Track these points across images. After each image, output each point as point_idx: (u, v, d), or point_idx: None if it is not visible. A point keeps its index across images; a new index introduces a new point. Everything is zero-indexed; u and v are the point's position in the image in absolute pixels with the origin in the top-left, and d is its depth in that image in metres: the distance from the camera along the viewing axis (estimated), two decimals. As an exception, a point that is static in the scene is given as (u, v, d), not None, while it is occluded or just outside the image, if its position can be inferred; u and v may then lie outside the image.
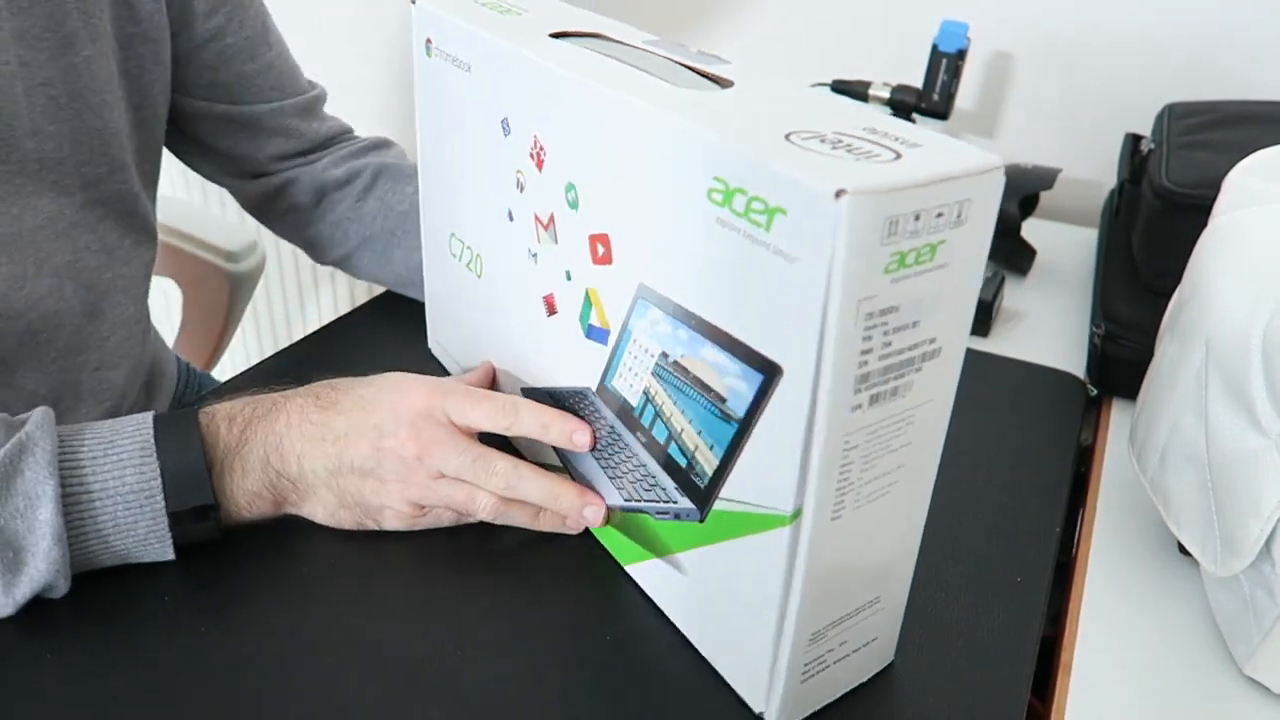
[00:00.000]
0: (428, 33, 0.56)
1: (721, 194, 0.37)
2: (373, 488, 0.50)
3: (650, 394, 0.44)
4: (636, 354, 0.45)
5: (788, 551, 0.38)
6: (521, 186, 0.51)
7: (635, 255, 0.43)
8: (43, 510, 0.44)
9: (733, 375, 0.39)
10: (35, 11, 0.54)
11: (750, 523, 0.40)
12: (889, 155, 0.34)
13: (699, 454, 0.42)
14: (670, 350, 0.42)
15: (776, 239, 0.35)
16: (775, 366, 0.37)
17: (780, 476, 0.37)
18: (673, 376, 0.42)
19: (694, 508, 0.43)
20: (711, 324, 0.39)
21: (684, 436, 0.43)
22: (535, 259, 0.51)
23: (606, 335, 0.47)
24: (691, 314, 0.40)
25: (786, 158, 0.34)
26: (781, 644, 0.41)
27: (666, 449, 0.44)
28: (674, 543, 0.46)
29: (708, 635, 0.46)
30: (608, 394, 0.48)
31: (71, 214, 0.58)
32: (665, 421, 0.44)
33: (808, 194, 0.33)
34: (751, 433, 0.39)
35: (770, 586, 0.40)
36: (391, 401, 0.50)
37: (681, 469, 0.44)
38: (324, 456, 0.50)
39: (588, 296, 0.47)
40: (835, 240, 0.32)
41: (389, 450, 0.49)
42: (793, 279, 0.34)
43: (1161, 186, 0.68)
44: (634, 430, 0.46)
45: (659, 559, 0.48)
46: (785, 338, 0.36)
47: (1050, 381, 0.71)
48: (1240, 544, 0.45)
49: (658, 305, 0.42)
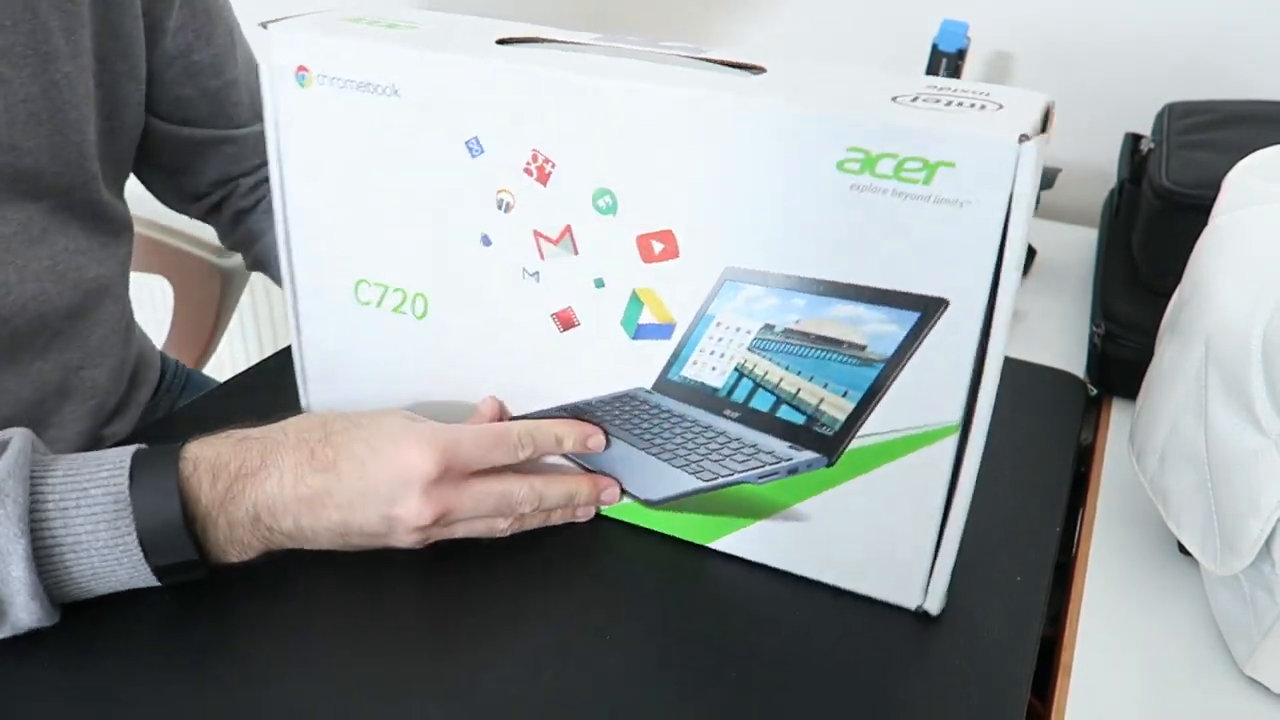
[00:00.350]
0: (299, 60, 0.49)
1: (860, 162, 0.41)
2: (385, 542, 0.49)
3: (746, 369, 0.48)
4: (721, 336, 0.48)
5: (952, 455, 0.45)
6: (507, 206, 0.48)
7: (714, 243, 0.45)
8: (14, 568, 0.42)
9: (875, 322, 0.44)
10: (18, 30, 0.54)
11: (907, 445, 0.46)
12: (994, 106, 0.41)
13: (825, 405, 0.47)
14: (778, 321, 0.46)
15: (939, 190, 0.40)
16: (937, 302, 0.42)
17: (948, 396, 0.44)
18: (782, 344, 0.46)
19: (819, 456, 0.48)
20: (842, 283, 0.44)
21: (801, 395, 0.47)
22: (536, 278, 0.50)
23: (670, 329, 0.48)
24: (812, 280, 0.44)
25: (941, 117, 0.40)
26: (947, 535, 0.48)
27: (774, 414, 0.48)
28: (787, 498, 0.50)
29: (845, 564, 0.51)
30: (673, 386, 0.50)
31: (41, 219, 0.58)
32: (772, 389, 0.48)
33: (986, 144, 0.39)
34: (901, 369, 0.44)
35: (936, 484, 0.46)
36: (396, 466, 0.47)
37: (799, 426, 0.48)
38: (326, 520, 0.47)
39: (635, 297, 0.48)
40: (1016, 181, 0.39)
41: (400, 519, 0.47)
42: (962, 222, 0.40)
43: (1161, 186, 0.68)
44: (717, 411, 0.50)
45: (764, 520, 0.51)
46: (949, 274, 0.42)
47: (1050, 381, 0.71)
48: (1240, 543, 0.45)
49: (756, 283, 0.45)
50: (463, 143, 0.48)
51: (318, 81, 0.49)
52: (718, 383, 0.49)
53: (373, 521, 0.48)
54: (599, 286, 0.49)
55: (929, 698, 0.45)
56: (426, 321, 0.53)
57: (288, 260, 0.56)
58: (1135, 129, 0.88)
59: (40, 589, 0.43)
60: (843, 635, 0.49)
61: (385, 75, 0.48)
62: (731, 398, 0.49)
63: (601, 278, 0.49)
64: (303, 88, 0.50)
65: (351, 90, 0.49)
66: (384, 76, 0.48)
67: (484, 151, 0.48)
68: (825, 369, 0.46)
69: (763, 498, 0.50)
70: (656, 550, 0.54)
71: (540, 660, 0.46)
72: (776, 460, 0.49)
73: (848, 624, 0.49)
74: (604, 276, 0.49)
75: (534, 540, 0.53)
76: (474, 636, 0.48)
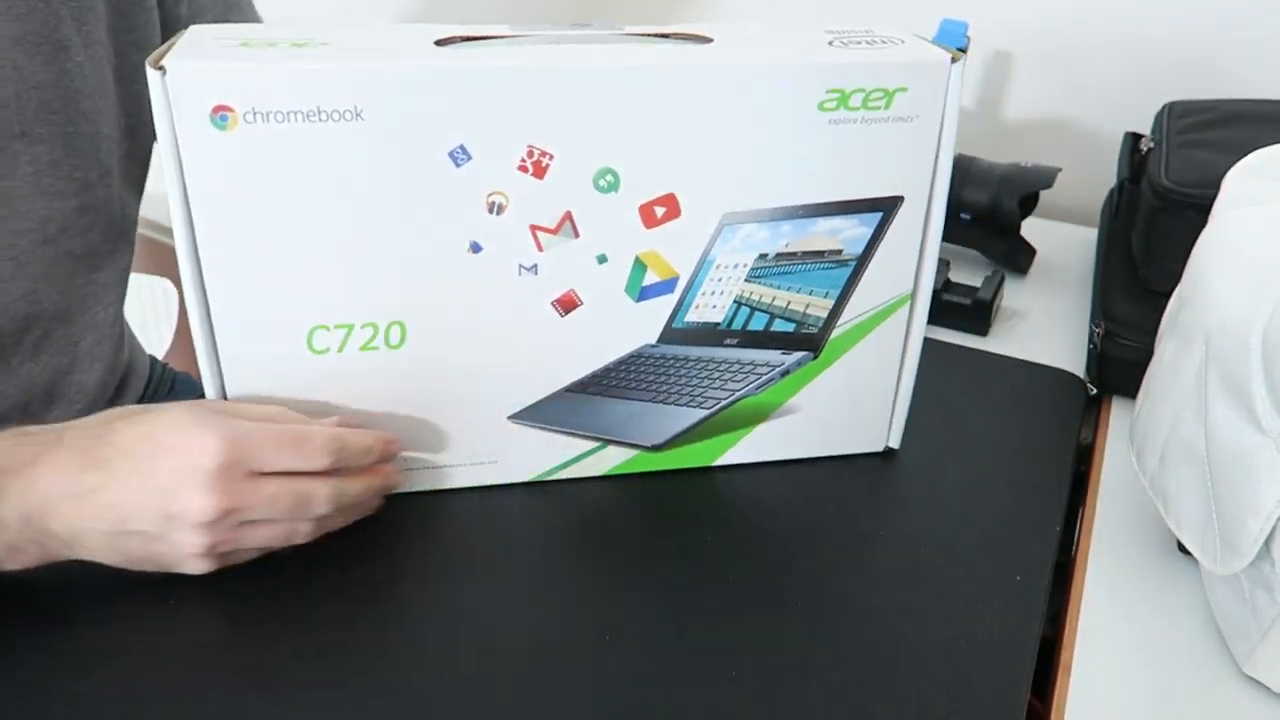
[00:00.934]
0: (216, 100, 0.43)
1: (836, 100, 0.48)
2: (166, 549, 0.45)
3: (744, 298, 0.54)
4: (720, 276, 0.53)
5: (906, 318, 0.56)
6: (499, 208, 0.48)
7: (711, 196, 0.50)
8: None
9: (849, 228, 0.52)
10: (32, 18, 0.54)
11: (875, 320, 0.56)
12: (898, 40, 0.51)
13: (810, 309, 0.55)
14: (770, 249, 0.52)
15: (897, 111, 0.49)
16: (893, 200, 0.52)
17: (902, 272, 0.55)
18: (774, 268, 0.53)
19: (807, 353, 0.56)
20: (821, 203, 0.51)
21: (791, 307, 0.54)
22: (535, 271, 0.50)
23: (673, 283, 0.53)
24: (798, 206, 0.51)
25: (887, 52, 0.48)
26: (903, 381, 0.59)
27: (769, 329, 0.55)
28: (779, 398, 0.58)
29: (826, 436, 0.60)
30: (677, 333, 0.54)
31: (63, 219, 0.58)
32: (765, 309, 0.54)
33: (932, 66, 0.48)
34: (870, 261, 0.54)
35: (895, 347, 0.57)
36: (175, 459, 0.43)
37: (789, 334, 0.55)
38: (96, 520, 0.43)
39: (638, 262, 0.51)
40: (948, 94, 0.49)
41: (179, 516, 0.43)
42: (911, 134, 0.50)
43: (1161, 185, 0.68)
44: (718, 343, 0.55)
45: (761, 424, 0.58)
46: (902, 178, 0.51)
47: (1050, 380, 0.71)
48: (1240, 542, 0.45)
49: (749, 221, 0.51)
50: (446, 154, 0.46)
51: (245, 120, 0.43)
52: (718, 318, 0.54)
53: (147, 520, 0.43)
54: (601, 263, 0.51)
55: (928, 697, 0.45)
56: (403, 350, 0.51)
57: (203, 323, 0.48)
58: (1135, 128, 0.88)
59: None
60: (844, 641, 0.49)
61: (344, 99, 0.44)
62: (731, 327, 0.55)
63: (604, 253, 0.51)
64: (223, 130, 0.43)
65: (295, 123, 0.44)
66: (342, 100, 0.44)
67: (471, 158, 0.46)
68: (810, 278, 0.54)
69: (760, 405, 0.58)
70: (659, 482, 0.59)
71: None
72: (771, 368, 0.56)
73: (848, 629, 0.49)
74: (606, 252, 0.51)
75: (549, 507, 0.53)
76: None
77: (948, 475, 0.60)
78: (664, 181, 0.49)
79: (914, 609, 0.50)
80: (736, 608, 0.50)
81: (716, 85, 0.47)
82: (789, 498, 0.58)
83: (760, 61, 0.47)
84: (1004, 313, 0.81)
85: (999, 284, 0.79)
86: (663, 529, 0.55)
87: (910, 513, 0.57)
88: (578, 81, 0.46)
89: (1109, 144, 0.93)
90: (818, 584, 0.51)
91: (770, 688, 0.46)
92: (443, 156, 0.46)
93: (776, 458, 0.60)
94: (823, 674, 0.46)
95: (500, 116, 0.46)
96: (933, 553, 0.54)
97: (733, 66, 0.47)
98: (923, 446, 0.61)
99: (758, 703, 0.45)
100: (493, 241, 0.49)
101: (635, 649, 0.47)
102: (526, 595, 0.51)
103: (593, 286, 0.52)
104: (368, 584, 0.50)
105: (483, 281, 0.50)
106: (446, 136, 0.46)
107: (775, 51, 0.48)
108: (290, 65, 0.43)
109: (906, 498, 0.58)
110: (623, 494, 0.58)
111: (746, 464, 0.60)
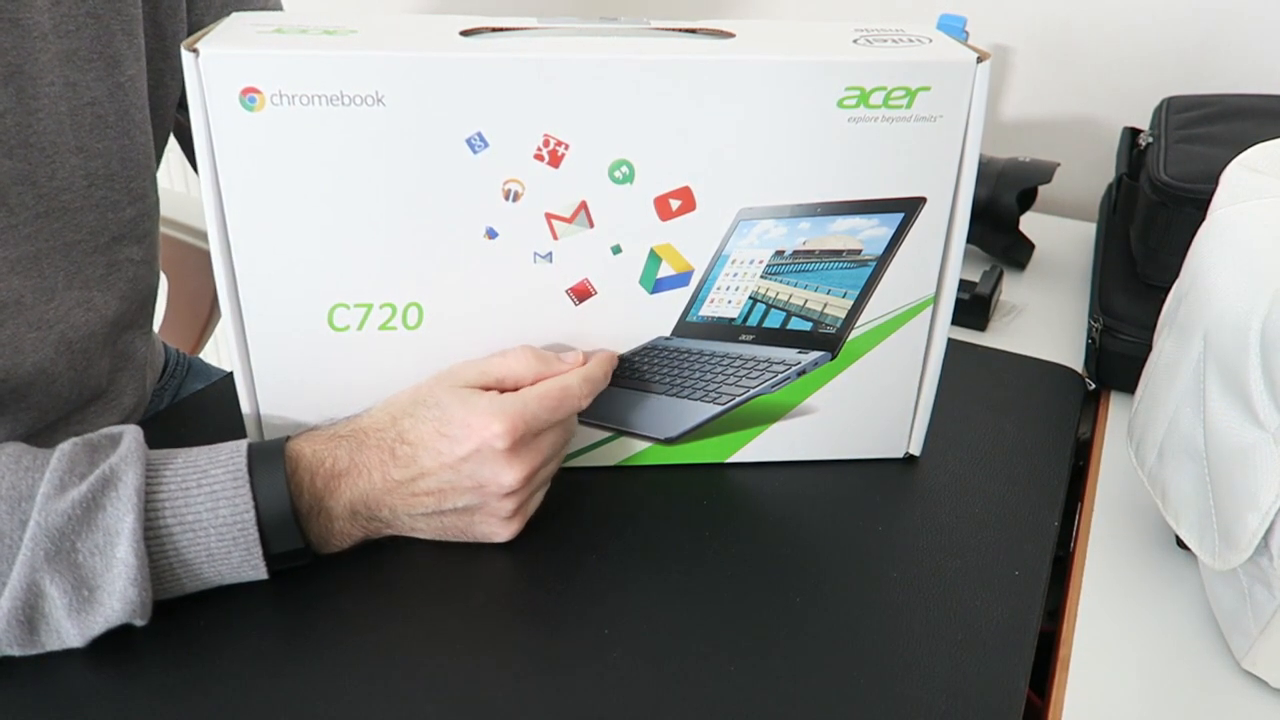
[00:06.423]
0: (244, 82, 0.45)
1: (856, 98, 0.48)
2: (480, 519, 0.51)
3: (759, 295, 0.54)
4: (736, 271, 0.53)
5: (929, 323, 0.56)
6: (515, 196, 0.49)
7: (729, 191, 0.50)
8: (120, 548, 0.43)
9: (869, 228, 0.52)
10: (83, 34, 0.54)
11: (896, 322, 0.55)
12: (927, 40, 0.51)
13: (828, 309, 0.54)
14: (787, 246, 0.52)
15: (919, 110, 0.49)
16: (916, 201, 0.51)
17: (925, 274, 0.54)
18: (791, 265, 0.53)
19: (824, 353, 0.56)
20: (841, 201, 0.51)
21: (808, 306, 0.54)
22: (550, 259, 0.51)
23: (688, 276, 0.53)
24: (816, 204, 0.51)
25: (911, 51, 0.48)
26: (925, 388, 0.58)
27: (785, 327, 0.55)
28: (795, 397, 0.57)
29: (844, 439, 0.59)
30: (691, 327, 0.54)
31: (116, 229, 0.58)
32: (782, 307, 0.54)
33: (957, 66, 0.48)
34: (891, 262, 0.53)
35: (917, 351, 0.56)
36: (475, 446, 0.49)
37: (806, 333, 0.55)
38: (420, 506, 0.50)
39: (653, 255, 0.52)
40: (974, 94, 0.49)
41: (490, 491, 0.50)
42: (935, 134, 0.50)
43: (1159, 180, 0.68)
44: (733, 339, 0.55)
45: (776, 423, 0.58)
46: (925, 178, 0.51)
47: (1048, 375, 0.71)
48: (1238, 538, 0.45)
49: (766, 216, 0.51)
50: (463, 140, 0.47)
51: (272, 102, 0.45)
52: (733, 313, 0.54)
53: (465, 499, 0.50)
54: (616, 253, 0.51)
55: (927, 692, 0.45)
56: (421, 331, 0.52)
57: (231, 298, 0.50)
58: (1133, 123, 0.88)
59: (142, 575, 0.43)
60: (843, 635, 0.49)
61: (366, 84, 0.45)
62: (747, 324, 0.55)
63: (619, 244, 0.51)
64: (251, 111, 0.46)
65: (319, 106, 0.46)
66: (364, 86, 0.45)
67: (488, 146, 0.47)
68: (828, 277, 0.53)
69: (775, 403, 0.57)
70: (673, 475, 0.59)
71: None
72: (787, 366, 0.56)
73: (847, 630, 0.49)
74: (621, 243, 0.51)
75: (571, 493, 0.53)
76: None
77: (945, 470, 0.60)
78: (679, 175, 0.50)
79: (912, 603, 0.50)
80: (735, 600, 0.50)
81: (732, 80, 0.47)
82: (793, 493, 0.58)
83: (777, 58, 0.47)
84: (1002, 307, 0.81)
85: (997, 279, 0.79)
86: (671, 523, 0.55)
87: (908, 507, 0.57)
88: (593, 73, 0.46)
89: (1107, 139, 0.93)
90: (815, 577, 0.52)
91: (769, 680, 0.46)
92: (460, 143, 0.47)
93: (792, 458, 0.59)
94: (821, 667, 0.47)
95: (517, 106, 0.47)
96: (930, 547, 0.54)
97: (749, 62, 0.47)
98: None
99: (757, 694, 0.45)
100: (508, 228, 0.50)
101: (637, 641, 0.47)
102: (531, 583, 0.51)
103: (607, 277, 0.52)
104: (372, 569, 0.51)
105: (498, 267, 0.51)
106: (464, 124, 0.47)
107: (795, 48, 0.48)
108: (314, 52, 0.45)
109: (904, 492, 0.58)
110: (633, 486, 0.58)
111: (758, 462, 0.60)
